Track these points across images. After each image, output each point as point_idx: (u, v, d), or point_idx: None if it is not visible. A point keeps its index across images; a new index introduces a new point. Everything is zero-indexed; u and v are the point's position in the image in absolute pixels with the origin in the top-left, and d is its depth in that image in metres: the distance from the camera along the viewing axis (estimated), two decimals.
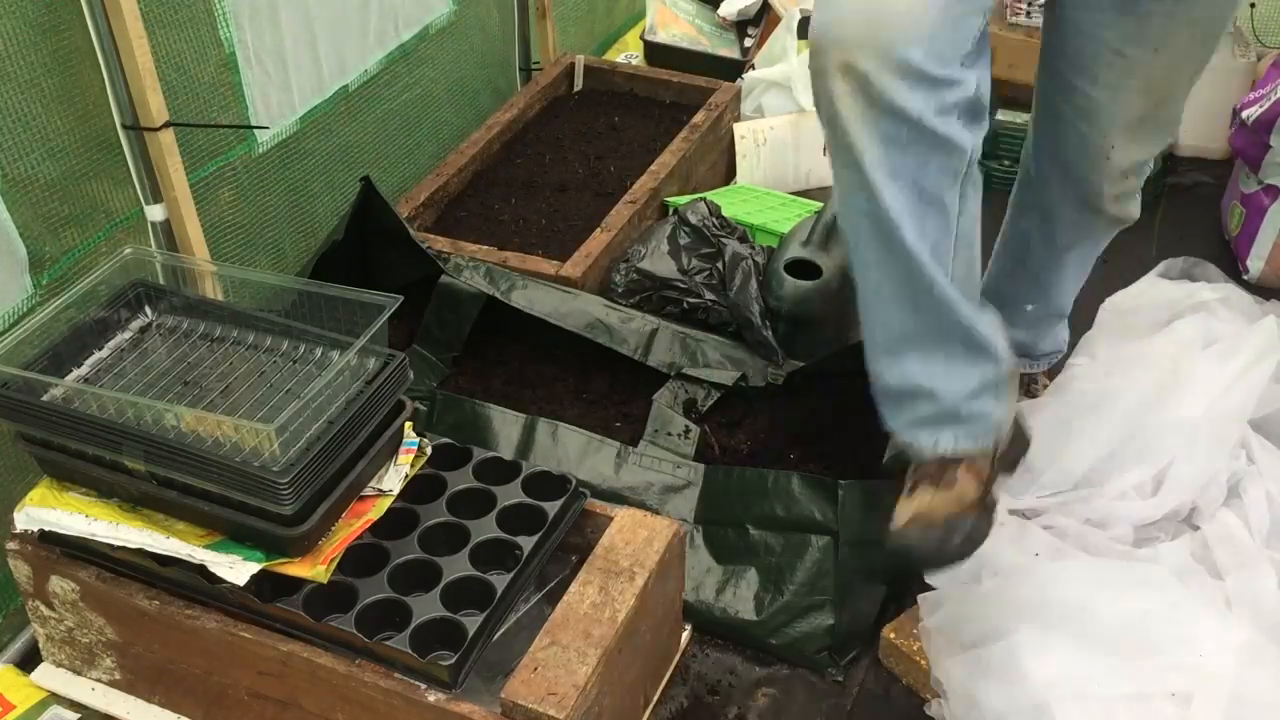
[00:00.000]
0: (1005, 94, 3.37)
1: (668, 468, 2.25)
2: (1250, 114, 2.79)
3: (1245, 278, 2.93)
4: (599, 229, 2.74)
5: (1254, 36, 3.52)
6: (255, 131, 2.40)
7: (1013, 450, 1.95)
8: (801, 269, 2.61)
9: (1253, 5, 3.49)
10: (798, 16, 3.43)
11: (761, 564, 2.13)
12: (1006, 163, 3.33)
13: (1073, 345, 2.65)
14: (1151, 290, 2.69)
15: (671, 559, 1.90)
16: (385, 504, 1.82)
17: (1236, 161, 3.05)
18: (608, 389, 2.48)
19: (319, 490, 1.69)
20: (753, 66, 3.58)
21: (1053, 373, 2.55)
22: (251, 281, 2.26)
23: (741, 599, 2.12)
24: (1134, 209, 2.16)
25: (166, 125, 2.09)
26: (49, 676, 2.01)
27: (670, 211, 2.86)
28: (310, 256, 2.55)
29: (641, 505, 2.16)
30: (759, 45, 3.74)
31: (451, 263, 2.53)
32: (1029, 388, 2.53)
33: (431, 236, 2.72)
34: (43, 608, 1.93)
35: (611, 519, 1.91)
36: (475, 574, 1.79)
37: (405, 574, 1.79)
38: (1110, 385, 2.37)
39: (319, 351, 1.88)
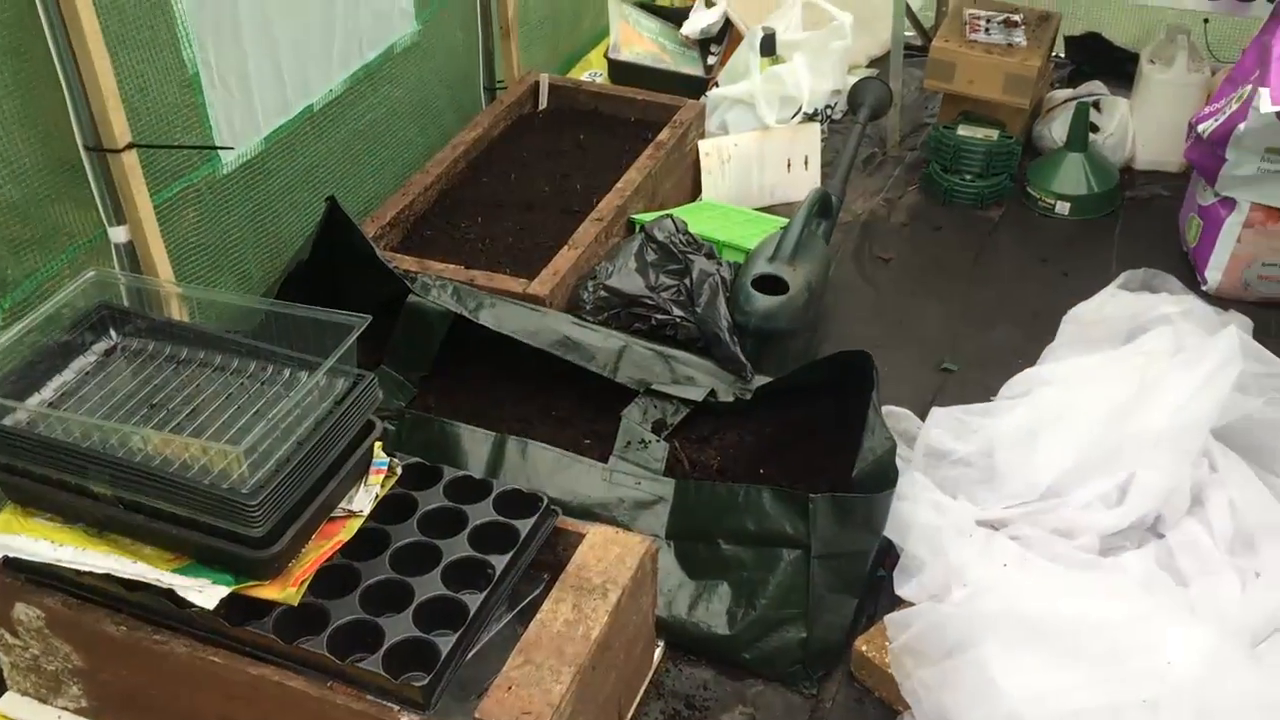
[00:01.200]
0: (965, 109, 3.43)
1: (638, 484, 2.25)
2: (1206, 127, 2.84)
3: (1204, 288, 2.98)
4: (566, 246, 2.74)
5: (1208, 52, 3.59)
6: (220, 152, 2.39)
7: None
8: (768, 284, 2.62)
9: (1206, 21, 3.56)
10: (760, 35, 3.46)
11: (734, 578, 2.13)
12: (968, 177, 3.37)
13: (1036, 356, 2.68)
14: (1112, 301, 2.73)
15: (644, 576, 1.90)
16: (356, 525, 1.81)
17: (1193, 174, 3.10)
18: (577, 406, 2.48)
19: (289, 512, 1.68)
20: (716, 84, 3.60)
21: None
22: (217, 303, 2.24)
23: (714, 614, 2.12)
24: None
25: (129, 147, 2.08)
26: (14, 705, 1.97)
27: (637, 228, 2.87)
28: (276, 277, 2.54)
29: (613, 522, 2.16)
30: (722, 63, 3.76)
31: (419, 282, 2.52)
32: None
33: (398, 256, 2.72)
34: (7, 635, 1.90)
35: (583, 536, 1.91)
36: (448, 594, 1.78)
37: (377, 595, 1.78)
38: (1075, 396, 2.40)
39: (287, 372, 1.87)
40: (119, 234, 2.16)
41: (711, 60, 3.87)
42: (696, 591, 2.14)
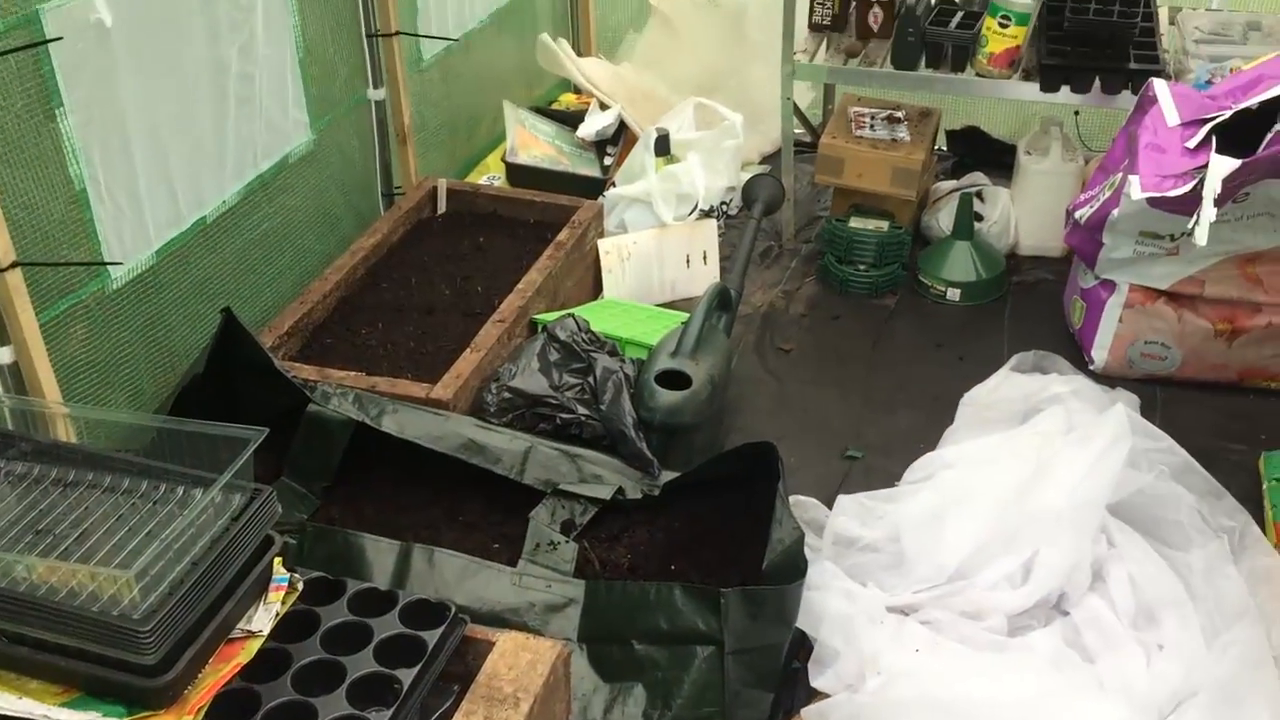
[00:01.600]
0: (856, 202, 3.53)
1: (549, 586, 2.23)
2: (1083, 214, 2.96)
3: (1091, 367, 3.07)
4: (468, 349, 2.73)
5: (1080, 142, 3.76)
6: (109, 267, 2.34)
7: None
8: (672, 380, 2.64)
9: (1077, 113, 3.74)
10: (654, 135, 3.54)
11: (648, 679, 2.11)
12: (862, 267, 3.46)
13: (937, 439, 2.73)
14: (1006, 383, 2.81)
15: (557, 682, 1.87)
16: (255, 645, 1.75)
17: (1074, 258, 3.22)
18: (484, 510, 2.45)
19: (183, 636, 1.62)
20: (613, 184, 3.66)
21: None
22: (107, 421, 2.18)
23: (630, 717, 2.08)
24: None
25: (13, 265, 2.03)
26: None
27: (539, 329, 2.87)
28: (170, 392, 2.48)
29: (524, 627, 2.13)
30: (618, 163, 3.83)
31: (319, 391, 2.49)
32: None
33: (297, 365, 2.68)
34: None
35: (494, 644, 1.87)
36: (353, 713, 1.72)
37: (279, 718, 1.71)
38: (976, 478, 2.44)
39: (180, 490, 1.82)
40: (3, 355, 2.10)
41: (608, 161, 3.94)
42: (611, 695, 2.11)
